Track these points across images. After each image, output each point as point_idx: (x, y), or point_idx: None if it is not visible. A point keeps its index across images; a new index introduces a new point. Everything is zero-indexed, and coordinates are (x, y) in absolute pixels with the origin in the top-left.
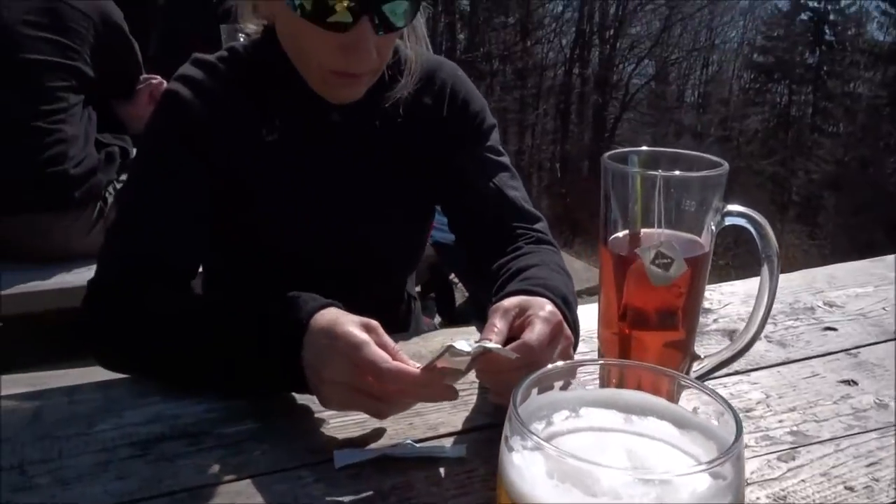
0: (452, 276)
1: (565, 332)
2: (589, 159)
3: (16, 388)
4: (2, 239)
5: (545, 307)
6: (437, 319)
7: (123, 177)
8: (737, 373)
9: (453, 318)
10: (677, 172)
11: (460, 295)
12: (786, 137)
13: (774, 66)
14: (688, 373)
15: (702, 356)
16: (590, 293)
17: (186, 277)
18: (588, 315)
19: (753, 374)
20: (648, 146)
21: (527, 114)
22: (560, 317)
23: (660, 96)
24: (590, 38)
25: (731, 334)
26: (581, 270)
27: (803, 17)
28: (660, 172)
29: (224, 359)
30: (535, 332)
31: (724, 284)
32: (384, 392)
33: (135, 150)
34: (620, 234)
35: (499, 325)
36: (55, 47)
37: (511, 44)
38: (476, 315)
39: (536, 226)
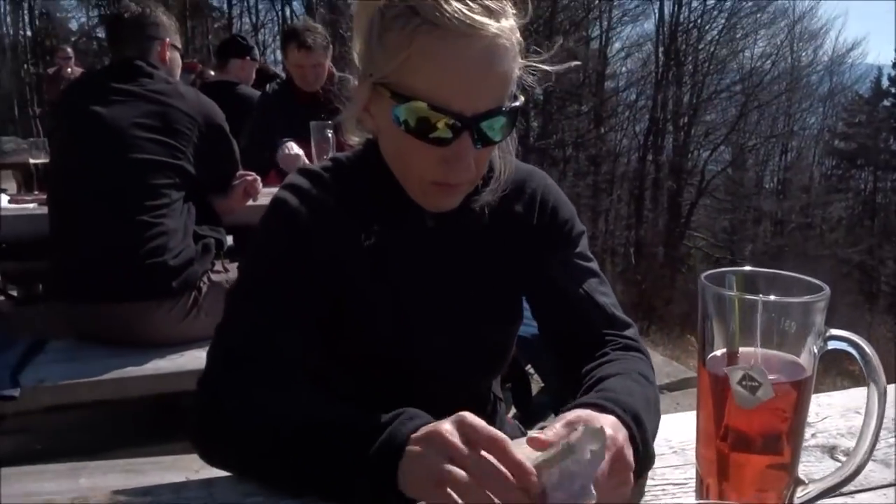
0: (528, 366)
1: (625, 460)
2: (664, 245)
3: (113, 473)
4: (101, 325)
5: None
6: (513, 411)
7: (218, 266)
8: (840, 494)
9: (529, 410)
10: (774, 297)
11: (535, 385)
12: (872, 225)
13: (857, 152)
14: (792, 498)
15: (806, 480)
16: (670, 388)
17: (289, 378)
18: (682, 426)
19: (858, 496)
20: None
21: (600, 200)
22: (622, 443)
23: (737, 182)
24: (663, 126)
25: (830, 450)
26: (661, 364)
27: (886, 103)
28: (760, 297)
29: (321, 473)
30: None
31: (821, 395)
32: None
33: (229, 239)
34: (718, 353)
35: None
36: (162, 148)
37: (584, 131)
38: (554, 408)
39: (626, 332)
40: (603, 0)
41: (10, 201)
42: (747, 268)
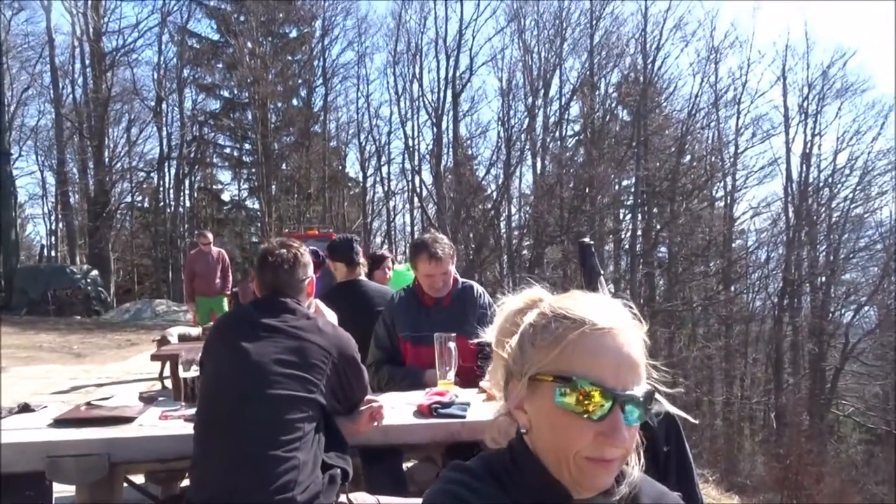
0: None
1: None
2: (808, 413)
3: None
4: None
5: None
6: None
7: (342, 498)
8: None
9: None
10: None
11: None
12: None
13: None
14: None
15: None
16: None
17: None
18: None
19: None
20: (879, 398)
21: (734, 363)
22: None
23: (886, 346)
24: (799, 286)
25: None
26: None
27: None
28: None
29: None
30: None
31: None
32: None
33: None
34: None
35: None
36: (298, 382)
37: (713, 292)
38: None
39: None
40: (726, 162)
41: (160, 416)
42: None
